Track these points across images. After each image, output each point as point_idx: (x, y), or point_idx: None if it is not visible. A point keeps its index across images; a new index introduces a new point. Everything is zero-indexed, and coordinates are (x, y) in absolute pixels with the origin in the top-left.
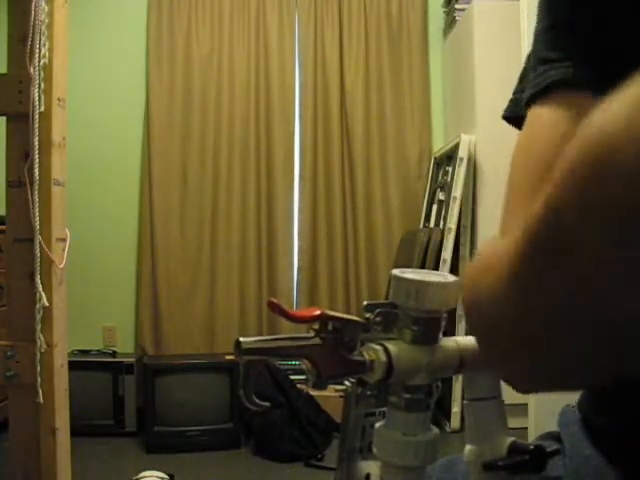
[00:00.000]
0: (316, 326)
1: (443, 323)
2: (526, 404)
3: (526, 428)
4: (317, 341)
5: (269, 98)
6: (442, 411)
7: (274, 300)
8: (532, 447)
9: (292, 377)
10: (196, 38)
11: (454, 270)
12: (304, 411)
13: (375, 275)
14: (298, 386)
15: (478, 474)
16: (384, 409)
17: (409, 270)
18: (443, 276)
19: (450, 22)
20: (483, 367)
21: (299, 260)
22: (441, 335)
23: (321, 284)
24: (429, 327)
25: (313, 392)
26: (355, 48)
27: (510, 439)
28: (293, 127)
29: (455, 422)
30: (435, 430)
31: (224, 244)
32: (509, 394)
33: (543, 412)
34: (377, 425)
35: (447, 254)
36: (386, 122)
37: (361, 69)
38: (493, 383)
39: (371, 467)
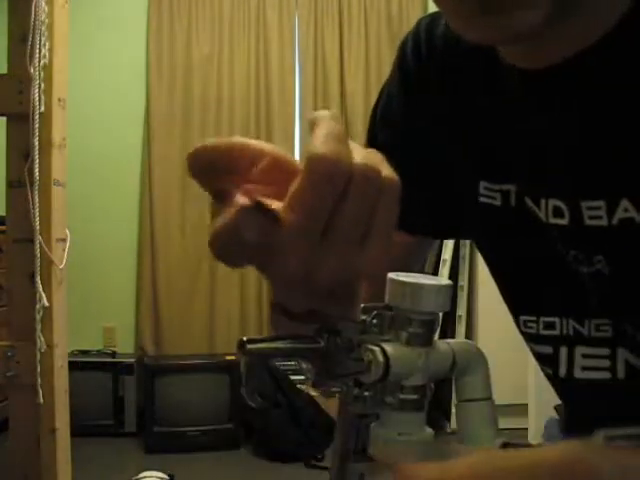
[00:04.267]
0: (317, 326)
1: (437, 325)
2: (526, 404)
3: (526, 428)
4: (318, 342)
5: (269, 98)
6: (442, 412)
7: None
8: (523, 446)
9: (292, 377)
10: (196, 38)
11: (454, 270)
12: (304, 411)
13: None
14: (298, 386)
15: None
16: (377, 411)
17: (403, 274)
18: (437, 279)
19: None
20: None
21: None
22: (435, 337)
23: None
24: (424, 329)
25: (313, 392)
26: (355, 48)
27: (501, 439)
28: (293, 127)
29: (455, 422)
30: (429, 430)
31: None
32: (509, 395)
33: (543, 412)
34: (373, 425)
35: (447, 254)
36: None
37: (361, 69)
38: (484, 384)
39: (365, 469)
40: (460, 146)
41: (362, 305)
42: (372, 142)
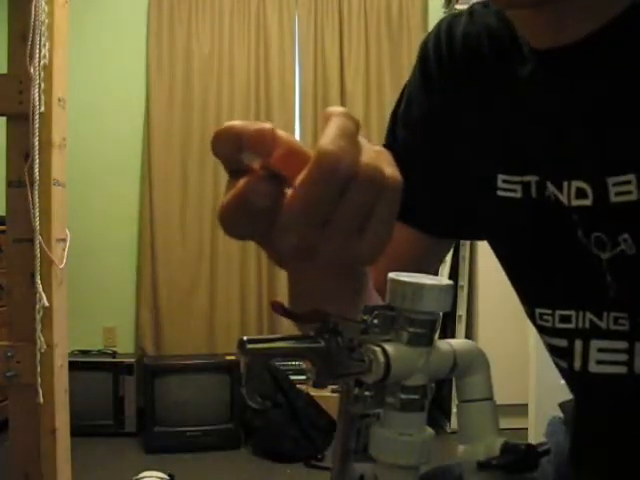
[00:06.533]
0: (318, 326)
1: (438, 325)
2: (526, 404)
3: (526, 428)
4: (319, 341)
5: (269, 98)
6: (442, 411)
7: (278, 300)
8: (524, 446)
9: (292, 377)
10: (196, 38)
11: (454, 270)
12: (304, 411)
13: None
14: (298, 386)
15: (473, 474)
16: (378, 411)
17: (404, 274)
18: (437, 279)
19: None
20: None
21: None
22: (436, 337)
23: None
24: (425, 329)
25: (313, 392)
26: (355, 48)
27: (502, 439)
28: (293, 127)
29: (455, 422)
30: (430, 430)
31: (224, 244)
32: (510, 395)
33: (543, 412)
34: (373, 425)
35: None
36: (386, 122)
37: (361, 69)
38: (485, 385)
39: (365, 469)
40: (476, 144)
41: (363, 305)
42: (392, 142)
